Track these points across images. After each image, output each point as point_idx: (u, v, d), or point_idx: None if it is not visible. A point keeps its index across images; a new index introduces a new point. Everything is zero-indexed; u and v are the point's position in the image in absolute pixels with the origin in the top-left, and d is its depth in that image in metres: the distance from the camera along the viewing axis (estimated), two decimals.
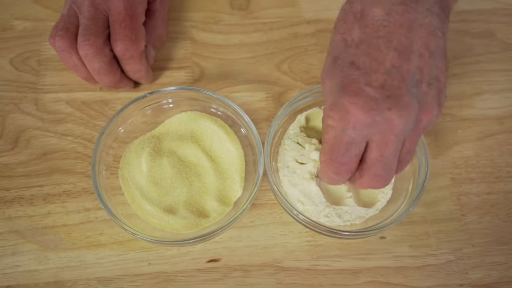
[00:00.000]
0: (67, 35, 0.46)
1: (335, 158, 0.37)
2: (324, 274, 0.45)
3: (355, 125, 0.34)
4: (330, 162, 0.37)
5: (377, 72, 0.34)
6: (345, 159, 0.36)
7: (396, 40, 0.34)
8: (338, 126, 0.35)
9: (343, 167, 0.37)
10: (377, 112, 0.33)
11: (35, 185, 0.47)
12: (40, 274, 0.44)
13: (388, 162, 0.36)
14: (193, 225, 0.44)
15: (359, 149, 0.36)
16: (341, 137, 0.35)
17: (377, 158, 0.36)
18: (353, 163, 0.37)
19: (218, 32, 0.57)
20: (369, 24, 0.35)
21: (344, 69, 0.35)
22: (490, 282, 0.45)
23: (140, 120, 0.49)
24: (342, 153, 0.36)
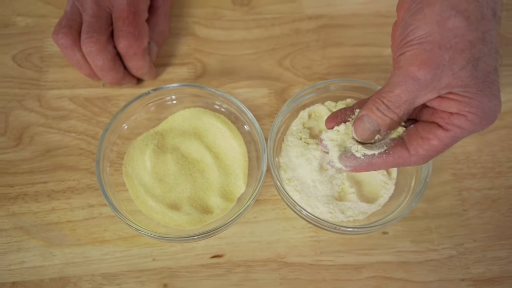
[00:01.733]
0: (71, 32, 0.46)
1: (438, 154, 0.37)
2: (327, 269, 0.45)
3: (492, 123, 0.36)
4: (431, 157, 0.37)
5: (498, 74, 0.36)
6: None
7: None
8: (470, 129, 0.35)
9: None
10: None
11: (39, 182, 0.48)
12: (46, 270, 0.44)
13: None
14: (197, 221, 0.45)
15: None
16: (462, 136, 0.36)
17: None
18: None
19: (220, 28, 0.57)
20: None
21: (490, 75, 0.35)
22: (491, 277, 0.45)
23: (144, 116, 0.49)
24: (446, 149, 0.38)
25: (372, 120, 0.38)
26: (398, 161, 0.38)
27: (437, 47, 0.34)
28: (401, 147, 0.38)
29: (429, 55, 0.34)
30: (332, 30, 0.57)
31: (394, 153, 0.38)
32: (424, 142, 0.36)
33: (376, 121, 0.38)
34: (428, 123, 0.37)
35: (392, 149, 0.38)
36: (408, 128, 0.39)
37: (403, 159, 0.38)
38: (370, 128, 0.39)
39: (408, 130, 0.38)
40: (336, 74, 0.54)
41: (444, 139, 0.36)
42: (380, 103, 0.37)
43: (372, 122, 0.38)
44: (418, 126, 0.38)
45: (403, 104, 0.36)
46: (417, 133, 0.37)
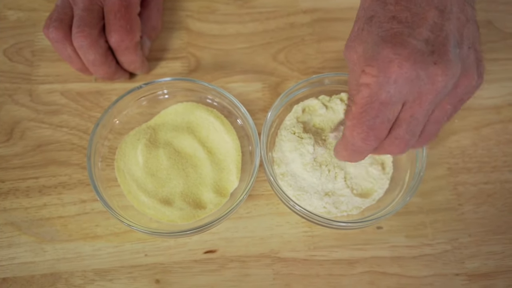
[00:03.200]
0: (61, 26, 0.45)
1: (366, 121, 0.34)
2: (321, 264, 0.45)
3: (397, 79, 0.32)
4: (359, 126, 0.34)
5: (420, 26, 0.32)
6: (378, 122, 0.34)
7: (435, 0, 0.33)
8: (376, 82, 0.32)
9: (373, 132, 0.34)
10: (422, 66, 0.32)
11: (31, 177, 0.47)
12: (37, 266, 0.44)
13: (415, 124, 0.34)
14: (190, 216, 0.44)
15: (394, 112, 0.34)
16: (377, 95, 0.33)
17: (406, 119, 0.34)
18: (384, 129, 0.35)
19: (214, 22, 0.56)
20: None
21: (384, 25, 0.33)
22: (486, 272, 0.45)
23: (136, 111, 0.49)
24: (375, 115, 0.33)
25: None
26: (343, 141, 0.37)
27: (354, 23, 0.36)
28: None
29: (350, 35, 0.36)
30: (327, 24, 0.56)
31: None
32: (347, 113, 0.36)
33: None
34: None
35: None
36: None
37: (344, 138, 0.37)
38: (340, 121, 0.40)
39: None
40: (331, 68, 0.54)
41: (357, 101, 0.34)
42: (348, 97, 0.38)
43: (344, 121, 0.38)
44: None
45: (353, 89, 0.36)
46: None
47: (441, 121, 0.36)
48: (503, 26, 0.56)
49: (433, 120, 0.35)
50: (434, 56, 0.32)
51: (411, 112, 0.34)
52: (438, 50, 0.32)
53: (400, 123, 0.34)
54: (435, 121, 0.36)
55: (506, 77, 0.53)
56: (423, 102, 0.33)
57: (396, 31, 0.33)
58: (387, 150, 0.37)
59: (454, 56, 0.32)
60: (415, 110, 0.34)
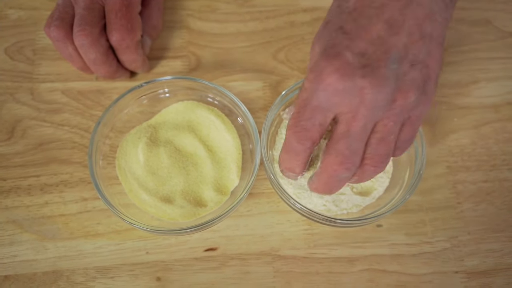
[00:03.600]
0: (63, 25, 0.46)
1: (300, 122, 0.36)
2: (321, 262, 0.45)
3: (326, 88, 0.34)
4: (294, 126, 0.37)
5: (361, 39, 0.34)
6: (309, 124, 0.36)
7: (388, 12, 0.34)
8: (310, 88, 0.35)
9: (306, 133, 0.36)
10: (349, 78, 0.33)
11: (32, 175, 0.47)
12: (38, 264, 0.44)
13: (354, 139, 0.35)
14: (191, 214, 0.45)
15: (324, 118, 0.35)
16: (309, 99, 0.35)
17: (343, 133, 0.35)
18: (316, 132, 0.36)
19: (215, 20, 0.56)
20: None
21: (332, 33, 0.35)
22: (485, 269, 0.45)
23: (137, 109, 0.49)
24: (308, 117, 0.36)
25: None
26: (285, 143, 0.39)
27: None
28: None
29: None
30: None
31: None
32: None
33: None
34: None
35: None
36: None
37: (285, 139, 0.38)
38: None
39: None
40: None
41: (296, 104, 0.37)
42: None
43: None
44: None
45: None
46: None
47: (387, 141, 0.36)
48: (502, 25, 0.56)
49: (376, 138, 0.36)
50: (365, 69, 0.33)
51: (347, 127, 0.35)
52: (371, 64, 0.33)
53: (339, 138, 0.35)
54: (380, 139, 0.36)
55: (505, 76, 0.54)
56: (356, 116, 0.34)
57: (337, 42, 0.35)
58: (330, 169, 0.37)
59: (388, 71, 0.33)
60: (351, 124, 0.35)
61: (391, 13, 0.34)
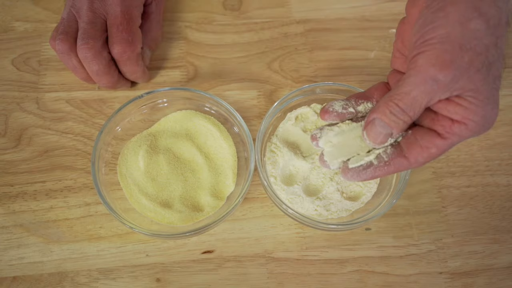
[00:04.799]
0: (67, 38, 0.48)
1: (433, 159, 0.38)
2: (313, 263, 0.48)
3: (471, 136, 0.36)
4: (428, 162, 0.38)
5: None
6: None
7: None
8: (468, 136, 0.36)
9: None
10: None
11: (38, 181, 0.50)
12: (44, 266, 0.47)
13: None
14: (188, 219, 0.47)
15: None
16: (450, 146, 0.37)
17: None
18: None
19: (212, 32, 0.59)
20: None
21: (496, 82, 0.35)
22: (468, 270, 0.48)
23: (137, 118, 0.51)
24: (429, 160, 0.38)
25: (384, 124, 0.37)
26: (398, 169, 0.39)
27: (458, 47, 0.33)
28: (400, 157, 0.38)
29: (451, 56, 0.33)
30: (319, 34, 0.59)
31: (395, 163, 0.39)
32: (423, 151, 0.37)
33: (389, 125, 0.37)
34: (427, 130, 0.37)
35: (393, 160, 0.38)
36: (406, 135, 0.38)
37: (404, 166, 0.38)
38: (383, 132, 0.38)
39: (406, 137, 0.38)
40: (323, 76, 0.56)
41: (442, 147, 0.36)
42: (394, 106, 0.36)
43: (384, 125, 0.37)
44: (417, 134, 0.38)
45: (419, 106, 0.36)
46: (416, 141, 0.37)
47: None
48: None
49: None
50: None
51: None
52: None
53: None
54: None
55: None
56: None
57: (496, 96, 0.35)
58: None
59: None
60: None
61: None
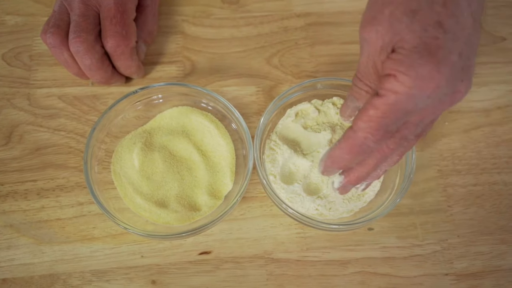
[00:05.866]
0: (58, 31, 0.46)
1: (384, 126, 0.34)
2: (314, 265, 0.46)
3: (431, 95, 0.32)
4: (376, 130, 0.34)
5: (460, 39, 0.32)
6: (394, 127, 0.34)
7: (474, 4, 0.33)
8: (407, 93, 0.32)
9: (388, 135, 0.35)
10: (453, 83, 0.32)
11: (29, 180, 0.48)
12: (35, 267, 0.45)
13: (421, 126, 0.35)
14: (185, 219, 0.45)
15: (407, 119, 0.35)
16: (404, 104, 0.32)
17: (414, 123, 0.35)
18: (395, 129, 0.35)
19: (209, 26, 0.57)
20: None
21: (429, 29, 0.32)
22: (474, 271, 0.46)
23: (132, 115, 0.50)
24: (395, 120, 0.33)
25: (351, 96, 0.39)
26: (349, 142, 0.36)
27: (380, 3, 0.33)
28: (348, 129, 0.36)
29: (373, 13, 0.34)
30: (320, 28, 0.57)
31: (343, 136, 0.36)
32: (362, 114, 0.34)
33: (353, 96, 0.38)
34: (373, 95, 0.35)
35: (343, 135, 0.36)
36: None
37: (352, 138, 0.35)
38: (350, 104, 0.40)
39: None
40: (324, 72, 0.55)
41: (379, 106, 0.33)
42: (355, 78, 0.38)
43: (351, 98, 0.39)
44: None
45: (368, 71, 0.35)
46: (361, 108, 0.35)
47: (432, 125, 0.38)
48: (492, 30, 0.57)
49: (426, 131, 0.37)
50: (463, 72, 0.32)
51: (421, 117, 0.34)
52: (466, 66, 0.32)
53: (409, 126, 0.35)
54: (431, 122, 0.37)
55: (495, 80, 0.54)
56: (436, 112, 0.34)
57: (440, 43, 0.32)
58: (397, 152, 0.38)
59: (472, 71, 0.33)
60: (426, 116, 0.34)
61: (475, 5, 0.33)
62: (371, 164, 0.39)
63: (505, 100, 0.54)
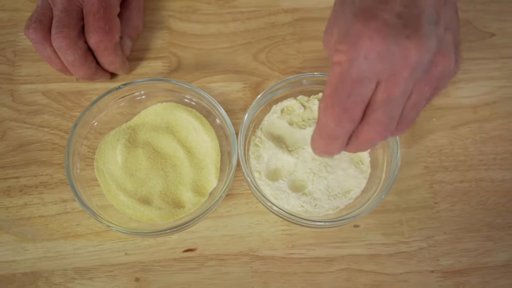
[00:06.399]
0: (41, 27, 0.46)
1: (338, 101, 0.32)
2: (299, 262, 0.46)
3: (368, 53, 0.31)
4: (331, 107, 0.33)
5: (393, 1, 0.32)
6: (350, 102, 0.32)
7: None
8: (347, 59, 0.31)
9: (347, 113, 0.33)
10: (394, 39, 0.31)
11: (12, 177, 0.48)
12: (18, 265, 0.45)
13: (393, 106, 0.33)
14: (169, 216, 0.45)
15: (367, 90, 0.32)
16: (349, 72, 0.31)
17: (383, 101, 0.32)
18: (358, 110, 0.33)
19: (196, 21, 0.56)
20: None
21: (355, 2, 0.32)
22: (460, 268, 0.46)
23: (116, 111, 0.49)
24: (348, 93, 0.32)
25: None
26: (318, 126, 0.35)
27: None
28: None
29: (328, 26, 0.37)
30: (308, 24, 0.57)
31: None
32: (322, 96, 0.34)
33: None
34: None
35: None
36: None
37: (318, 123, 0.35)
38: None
39: None
40: (311, 68, 0.54)
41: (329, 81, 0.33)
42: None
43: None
44: None
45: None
46: None
47: (419, 106, 0.35)
48: (481, 26, 0.57)
49: (411, 104, 0.34)
50: (407, 29, 0.31)
51: (387, 93, 0.32)
52: (411, 24, 0.31)
53: (378, 106, 0.33)
54: (413, 105, 0.34)
55: (483, 76, 0.54)
56: (398, 80, 0.32)
57: (367, 6, 0.32)
58: (368, 138, 0.35)
59: (428, 32, 0.31)
60: (391, 90, 0.32)
61: None
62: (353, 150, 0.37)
63: (493, 96, 0.53)
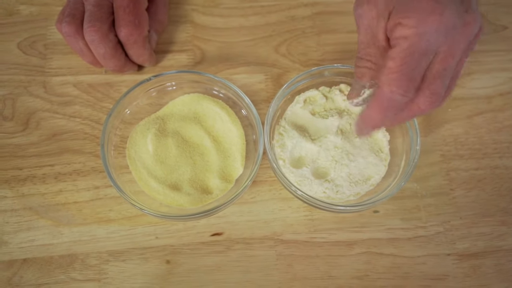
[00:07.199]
0: (73, 21, 0.48)
1: (407, 74, 0.34)
2: (321, 245, 0.48)
3: (439, 27, 0.32)
4: (399, 79, 0.34)
5: None
6: (416, 73, 0.34)
7: None
8: (415, 33, 0.32)
9: (412, 83, 0.34)
10: (459, 14, 0.32)
11: (47, 165, 0.50)
12: (55, 248, 0.47)
13: (448, 76, 0.34)
14: (197, 201, 0.47)
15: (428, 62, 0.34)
16: (417, 46, 0.33)
17: (440, 72, 0.34)
18: (420, 79, 0.34)
19: (218, 15, 0.58)
20: None
21: None
22: (476, 252, 0.48)
23: (145, 102, 0.51)
24: (415, 65, 0.33)
25: (355, 79, 0.40)
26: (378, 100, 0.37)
27: None
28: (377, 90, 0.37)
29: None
30: (327, 17, 0.58)
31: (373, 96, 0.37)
32: (384, 71, 0.35)
33: (357, 76, 0.39)
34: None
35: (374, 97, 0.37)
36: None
37: (379, 95, 0.36)
38: (356, 86, 0.41)
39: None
40: (331, 60, 0.56)
41: (395, 56, 0.34)
42: (356, 58, 0.39)
43: (355, 80, 0.40)
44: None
45: (368, 47, 0.36)
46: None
47: (459, 75, 0.37)
48: (494, 19, 0.58)
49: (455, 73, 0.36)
50: (464, 4, 0.33)
51: (444, 64, 0.34)
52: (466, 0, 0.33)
53: (435, 77, 0.34)
54: (455, 75, 0.36)
55: (497, 68, 0.56)
56: (455, 51, 0.34)
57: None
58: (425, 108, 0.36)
59: (475, 5, 0.33)
60: (448, 61, 0.34)
61: None
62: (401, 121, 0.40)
63: (507, 87, 0.55)
